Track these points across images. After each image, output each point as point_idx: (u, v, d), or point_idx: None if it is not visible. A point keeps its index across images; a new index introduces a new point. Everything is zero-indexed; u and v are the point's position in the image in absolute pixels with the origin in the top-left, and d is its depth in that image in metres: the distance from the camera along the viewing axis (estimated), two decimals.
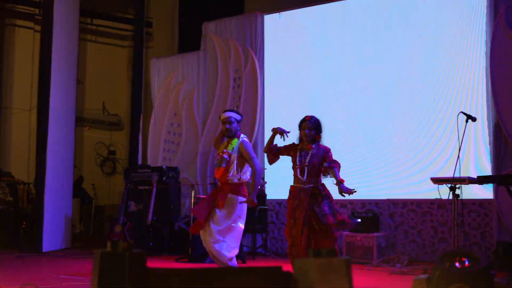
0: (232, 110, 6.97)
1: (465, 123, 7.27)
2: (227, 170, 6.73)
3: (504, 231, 8.52)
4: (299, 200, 6.38)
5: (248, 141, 6.87)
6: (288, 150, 6.60)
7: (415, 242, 9.27)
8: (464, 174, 7.42)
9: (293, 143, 6.62)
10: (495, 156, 8.64)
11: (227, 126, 6.75)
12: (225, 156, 6.77)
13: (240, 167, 6.73)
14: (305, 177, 6.40)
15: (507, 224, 8.40)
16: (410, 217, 9.35)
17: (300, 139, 6.58)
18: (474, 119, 7.39)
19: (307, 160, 6.43)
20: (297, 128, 6.58)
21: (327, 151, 6.49)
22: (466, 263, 3.09)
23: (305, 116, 6.61)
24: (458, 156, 7.58)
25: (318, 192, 6.34)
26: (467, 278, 3.00)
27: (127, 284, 2.74)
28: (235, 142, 6.77)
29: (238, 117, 6.83)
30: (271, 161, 6.82)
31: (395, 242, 9.38)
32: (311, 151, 6.46)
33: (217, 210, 6.62)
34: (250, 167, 6.74)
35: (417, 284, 3.03)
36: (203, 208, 6.74)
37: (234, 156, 6.71)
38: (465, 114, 7.32)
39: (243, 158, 6.72)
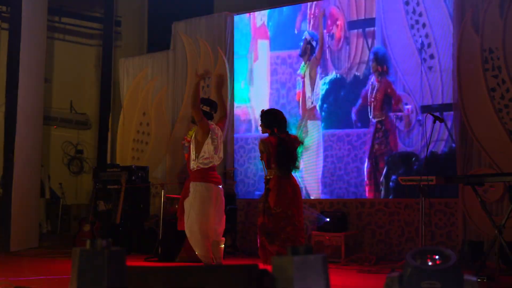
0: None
1: (432, 124, 7.41)
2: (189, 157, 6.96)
3: (469, 231, 8.66)
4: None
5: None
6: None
7: (383, 242, 9.37)
8: (431, 174, 7.54)
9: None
10: (461, 157, 8.78)
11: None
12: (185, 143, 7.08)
13: (196, 152, 6.79)
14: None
15: (474, 223, 8.54)
16: (377, 217, 9.45)
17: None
18: (441, 120, 7.53)
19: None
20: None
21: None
22: (437, 260, 3.14)
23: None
24: (426, 156, 7.71)
25: (265, 185, 6.57)
26: (438, 275, 3.06)
27: (106, 283, 2.75)
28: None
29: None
30: None
31: (362, 241, 9.48)
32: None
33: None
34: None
35: (389, 281, 3.08)
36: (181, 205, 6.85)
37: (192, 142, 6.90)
38: (432, 115, 7.46)
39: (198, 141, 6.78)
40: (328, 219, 9.28)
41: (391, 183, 9.41)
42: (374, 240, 9.43)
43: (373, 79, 9.67)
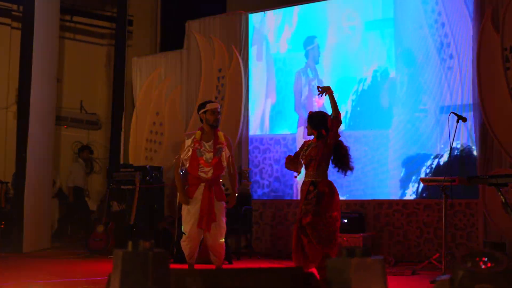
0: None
1: (456, 123, 7.30)
2: (221, 161, 6.89)
3: (490, 232, 8.55)
4: (301, 193, 6.34)
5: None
6: (303, 147, 6.49)
7: (401, 243, 9.26)
8: (450, 175, 7.44)
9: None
10: (481, 157, 8.67)
11: (219, 116, 7.11)
12: (221, 147, 6.92)
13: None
14: (304, 170, 6.37)
15: (495, 224, 8.42)
16: (395, 218, 9.34)
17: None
18: (464, 120, 7.43)
19: (305, 153, 6.35)
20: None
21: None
22: (489, 263, 3.05)
23: (309, 111, 6.55)
24: (450, 156, 7.62)
25: (313, 189, 6.20)
26: (491, 278, 2.96)
27: (150, 284, 2.67)
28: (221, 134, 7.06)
29: None
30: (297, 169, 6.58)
31: (380, 243, 9.37)
32: (313, 144, 6.37)
33: (216, 203, 6.77)
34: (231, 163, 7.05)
35: (440, 285, 2.98)
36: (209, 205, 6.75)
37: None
38: (456, 114, 7.36)
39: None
40: (345, 220, 9.17)
41: (410, 184, 9.29)
42: (392, 241, 9.32)
43: (391, 79, 9.56)
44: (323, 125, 6.30)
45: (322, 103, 9.87)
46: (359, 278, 2.48)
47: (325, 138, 6.26)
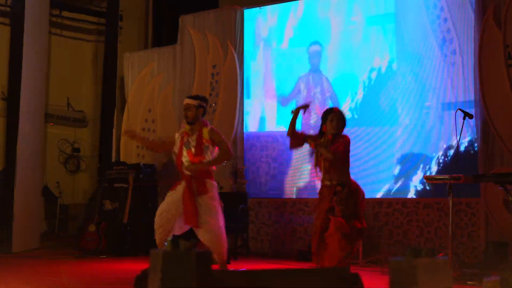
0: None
1: (462, 120, 7.17)
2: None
3: (492, 231, 8.45)
4: (322, 196, 6.17)
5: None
6: (313, 139, 6.32)
7: (400, 242, 9.13)
8: (450, 173, 7.33)
9: (317, 135, 6.38)
10: (482, 154, 8.56)
11: (189, 112, 7.00)
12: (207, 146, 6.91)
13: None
14: (320, 173, 6.18)
15: (497, 223, 8.32)
16: (395, 217, 9.21)
17: (321, 132, 6.33)
18: (471, 117, 7.31)
19: (320, 155, 6.18)
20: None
21: (342, 139, 6.23)
22: None
23: (333, 107, 6.39)
24: (457, 154, 7.49)
25: (341, 189, 6.06)
26: None
27: (194, 285, 2.52)
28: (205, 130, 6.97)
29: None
30: (293, 146, 6.55)
31: (379, 242, 9.24)
32: (328, 144, 6.18)
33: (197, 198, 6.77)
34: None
35: (490, 286, 2.83)
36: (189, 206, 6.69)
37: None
38: (462, 111, 7.23)
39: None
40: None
41: (410, 182, 9.17)
42: (391, 241, 9.19)
43: (392, 75, 9.44)
44: (345, 123, 6.23)
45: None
46: (427, 279, 2.31)
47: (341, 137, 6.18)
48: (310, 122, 9.73)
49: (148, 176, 10.34)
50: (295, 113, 6.40)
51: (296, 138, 6.46)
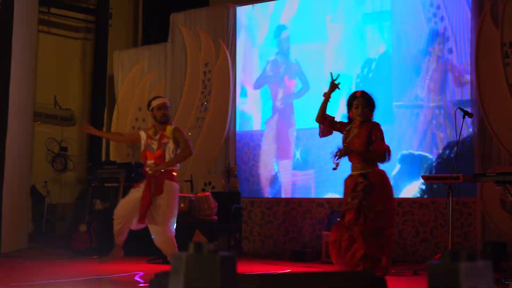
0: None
1: (462, 119, 7.10)
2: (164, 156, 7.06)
3: (488, 231, 8.39)
4: (346, 188, 5.87)
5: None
6: (343, 126, 5.97)
7: (396, 243, 9.05)
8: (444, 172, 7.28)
9: (347, 122, 6.03)
10: (479, 154, 8.50)
11: (166, 111, 7.17)
12: (165, 141, 7.07)
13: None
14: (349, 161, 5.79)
15: (494, 223, 8.26)
16: None
17: (349, 119, 6.02)
18: (471, 115, 7.25)
19: (347, 142, 5.83)
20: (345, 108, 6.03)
21: (373, 127, 5.85)
22: None
23: (356, 92, 6.01)
24: (456, 153, 7.41)
25: (362, 181, 5.70)
26: None
27: None
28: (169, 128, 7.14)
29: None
30: (323, 133, 6.20)
31: None
32: (354, 130, 5.84)
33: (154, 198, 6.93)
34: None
35: None
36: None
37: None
38: (462, 110, 7.16)
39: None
40: (338, 219, 8.92)
41: (405, 182, 9.09)
42: None
43: (387, 73, 9.35)
44: (373, 106, 5.90)
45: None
46: (469, 285, 2.19)
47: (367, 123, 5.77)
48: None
49: (139, 175, 10.17)
50: (327, 96, 6.05)
51: (326, 125, 6.10)
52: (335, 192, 9.49)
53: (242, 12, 10.75)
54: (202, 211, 8.79)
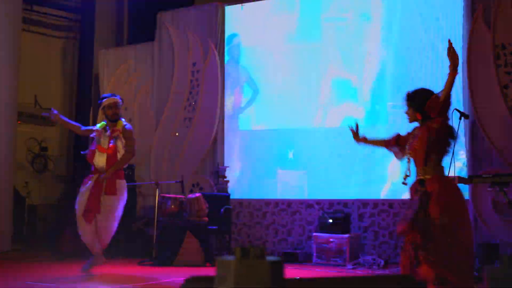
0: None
1: (458, 120, 7.09)
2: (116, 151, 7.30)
3: (480, 233, 8.40)
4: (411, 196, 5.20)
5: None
6: (409, 135, 5.33)
7: (386, 244, 9.03)
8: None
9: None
10: (471, 155, 8.51)
11: (117, 110, 7.46)
12: (117, 135, 7.32)
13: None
14: (410, 168, 5.14)
15: (486, 225, 8.27)
16: (381, 218, 9.11)
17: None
18: (467, 117, 7.20)
19: (408, 146, 5.23)
20: None
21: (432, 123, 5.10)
22: None
23: (407, 93, 5.39)
24: (453, 154, 7.38)
25: (420, 187, 5.01)
26: None
27: None
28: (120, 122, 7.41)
29: None
30: (399, 155, 5.50)
31: (364, 243, 9.13)
32: (416, 133, 5.21)
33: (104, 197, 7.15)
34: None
35: None
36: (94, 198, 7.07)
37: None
38: (459, 111, 7.12)
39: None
40: (330, 221, 8.90)
41: (396, 184, 9.07)
42: (377, 242, 9.08)
43: (380, 74, 9.33)
44: (416, 104, 5.26)
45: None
46: None
47: (429, 122, 5.11)
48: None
49: (126, 177, 10.03)
50: (359, 140, 5.73)
51: (394, 146, 5.51)
52: (325, 193, 9.48)
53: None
54: (194, 213, 8.68)
